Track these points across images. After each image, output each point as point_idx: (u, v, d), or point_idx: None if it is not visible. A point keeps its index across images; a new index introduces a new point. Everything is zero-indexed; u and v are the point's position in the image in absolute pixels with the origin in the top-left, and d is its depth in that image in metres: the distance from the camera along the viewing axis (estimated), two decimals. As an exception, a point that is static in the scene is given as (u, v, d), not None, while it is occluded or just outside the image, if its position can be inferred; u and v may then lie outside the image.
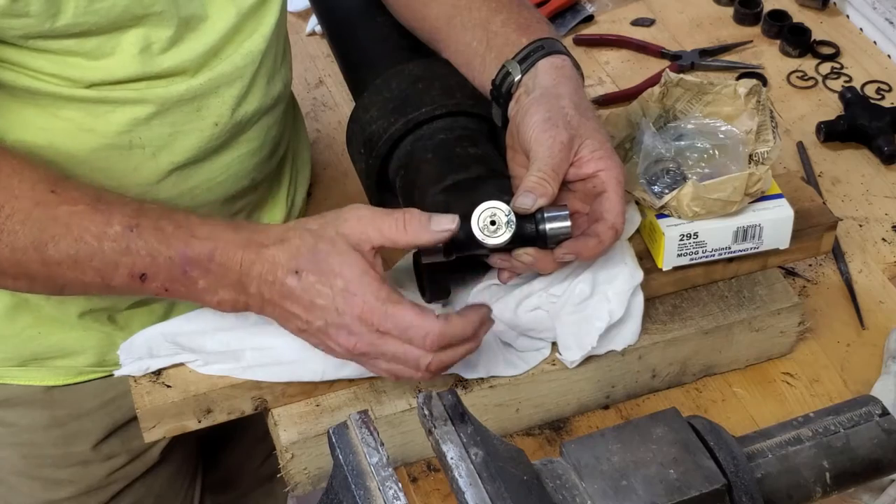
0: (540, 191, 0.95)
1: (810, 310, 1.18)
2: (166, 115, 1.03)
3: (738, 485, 0.78)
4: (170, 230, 0.92)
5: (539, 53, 1.03)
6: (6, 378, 1.17)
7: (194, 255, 0.92)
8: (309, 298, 0.92)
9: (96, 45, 0.97)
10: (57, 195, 0.92)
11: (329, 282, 0.91)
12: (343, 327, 0.92)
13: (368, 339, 0.92)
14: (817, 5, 1.63)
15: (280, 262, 0.92)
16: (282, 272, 0.92)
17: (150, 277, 0.93)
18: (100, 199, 0.93)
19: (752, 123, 1.09)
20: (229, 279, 0.93)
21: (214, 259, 0.92)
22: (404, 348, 0.92)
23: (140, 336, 1.03)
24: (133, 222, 0.92)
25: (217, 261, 0.92)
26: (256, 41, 1.07)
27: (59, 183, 0.93)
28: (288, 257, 0.92)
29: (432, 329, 0.91)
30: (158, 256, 0.92)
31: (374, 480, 0.76)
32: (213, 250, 0.92)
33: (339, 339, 0.92)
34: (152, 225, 0.92)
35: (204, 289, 0.93)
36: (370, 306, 0.91)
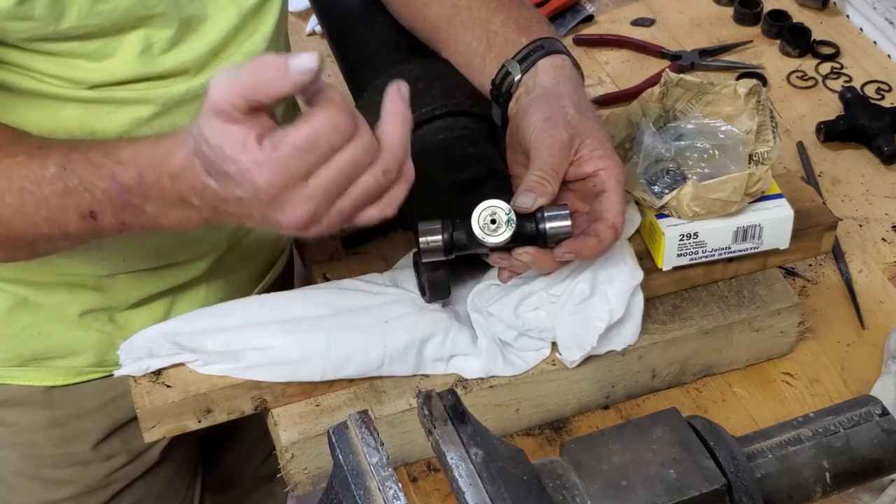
0: (540, 190, 0.95)
1: (810, 310, 1.18)
2: (168, 115, 1.03)
3: (738, 485, 0.78)
4: (98, 160, 0.87)
5: (539, 53, 1.03)
6: (6, 378, 1.17)
7: (125, 182, 0.85)
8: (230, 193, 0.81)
9: (98, 47, 0.97)
10: (2, 151, 0.89)
11: (225, 170, 0.79)
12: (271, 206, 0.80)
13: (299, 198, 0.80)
14: (817, 5, 1.63)
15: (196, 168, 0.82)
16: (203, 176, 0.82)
17: (98, 214, 0.87)
18: (40, 146, 0.89)
19: (752, 123, 1.09)
20: (169, 198, 0.85)
21: (144, 180, 0.85)
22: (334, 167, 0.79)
23: (140, 336, 1.03)
24: (65, 160, 0.87)
25: (146, 181, 0.85)
26: (257, 41, 1.07)
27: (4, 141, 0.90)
28: (192, 158, 0.82)
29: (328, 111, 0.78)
30: (95, 190, 0.86)
31: (374, 480, 0.76)
32: (140, 173, 0.85)
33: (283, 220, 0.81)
34: (83, 158, 0.87)
35: (155, 213, 0.86)
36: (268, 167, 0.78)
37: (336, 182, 0.80)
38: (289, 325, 1.02)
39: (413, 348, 1.02)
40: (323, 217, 0.82)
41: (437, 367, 1.04)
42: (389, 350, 1.02)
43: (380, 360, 1.02)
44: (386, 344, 1.01)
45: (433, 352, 1.03)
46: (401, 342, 1.01)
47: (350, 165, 0.80)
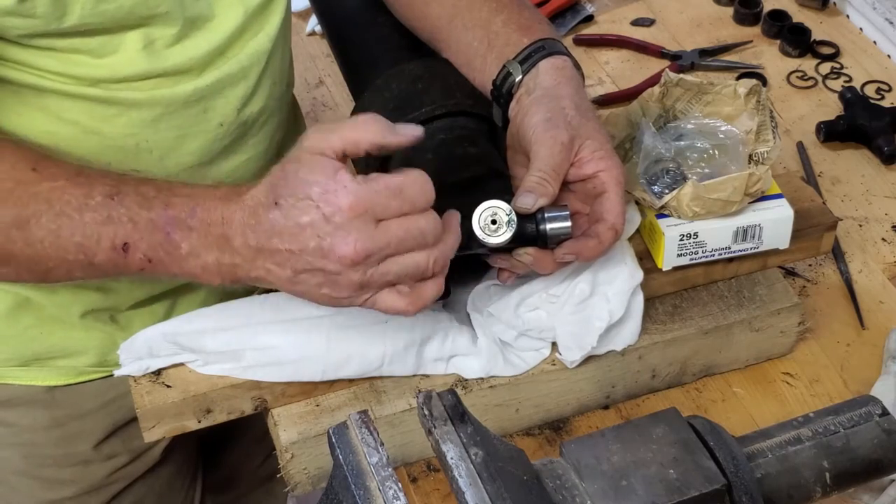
0: (540, 191, 0.95)
1: (810, 310, 1.18)
2: (172, 117, 1.03)
3: (738, 485, 0.78)
4: (151, 193, 0.89)
5: (540, 54, 1.03)
6: (7, 378, 1.17)
7: (176, 214, 0.88)
8: (294, 221, 0.85)
9: (100, 44, 0.97)
10: (38, 173, 0.90)
11: (306, 193, 0.85)
12: (338, 231, 0.84)
13: (366, 233, 0.84)
14: (817, 5, 1.63)
15: (260, 201, 0.87)
16: (263, 210, 0.86)
17: (132, 247, 0.89)
18: (80, 173, 0.91)
19: (752, 123, 1.09)
20: (212, 235, 0.88)
21: (196, 214, 0.87)
22: (405, 226, 0.85)
23: (140, 336, 1.03)
24: (114, 191, 0.89)
25: (199, 216, 0.87)
26: (262, 41, 1.07)
27: (40, 161, 0.92)
28: (265, 193, 0.87)
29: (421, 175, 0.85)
30: (140, 220, 0.88)
31: (374, 480, 0.76)
32: (195, 206, 0.88)
33: (338, 249, 0.84)
34: (133, 191, 0.89)
35: (188, 253, 0.88)
36: (355, 192, 0.84)
37: (399, 240, 0.85)
38: (289, 325, 1.02)
39: (413, 348, 1.02)
40: (371, 265, 0.86)
41: (437, 367, 1.04)
42: (389, 350, 1.02)
43: (380, 360, 1.02)
44: (386, 344, 1.01)
45: (433, 352, 1.03)
46: (401, 342, 1.01)
47: (417, 233, 0.86)
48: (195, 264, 0.89)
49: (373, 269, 0.86)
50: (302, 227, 0.85)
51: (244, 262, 0.88)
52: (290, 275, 0.87)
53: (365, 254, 0.85)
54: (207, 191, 0.89)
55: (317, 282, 0.87)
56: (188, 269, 0.90)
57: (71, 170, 0.92)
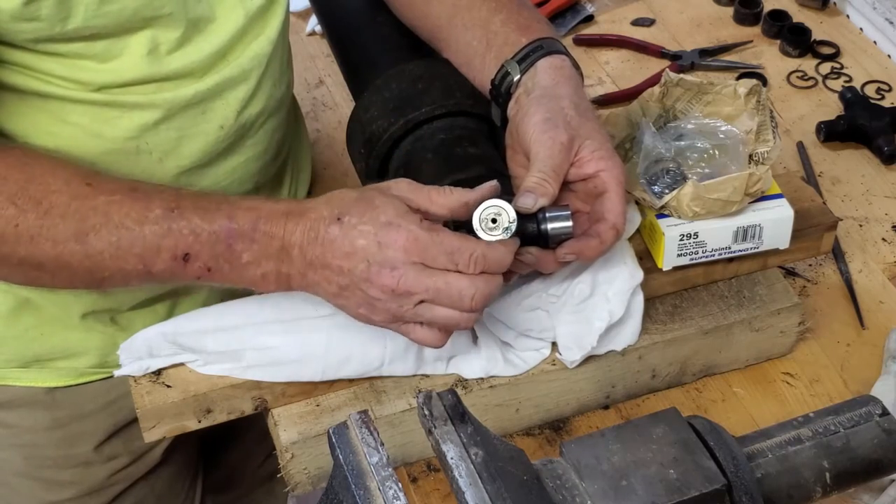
0: (541, 191, 0.95)
1: (810, 310, 1.18)
2: (173, 119, 1.03)
3: (738, 485, 0.78)
4: (212, 207, 0.92)
5: (538, 53, 1.03)
6: (8, 379, 1.17)
7: (239, 227, 0.91)
8: (350, 241, 0.90)
9: (105, 48, 0.97)
10: (93, 188, 0.92)
11: (372, 217, 0.90)
12: (386, 263, 0.89)
13: (412, 274, 0.89)
14: (817, 5, 1.63)
15: (323, 215, 0.91)
16: (324, 224, 0.90)
17: (192, 257, 0.92)
18: (136, 189, 0.94)
19: (752, 123, 1.09)
20: (273, 247, 0.91)
21: (259, 228, 0.91)
22: (447, 280, 0.89)
23: (140, 336, 1.03)
24: (173, 204, 0.92)
25: (262, 229, 0.91)
26: (262, 43, 1.07)
27: (92, 177, 0.94)
28: (330, 208, 0.91)
29: (477, 248, 0.90)
30: (202, 233, 0.91)
31: (374, 480, 0.76)
32: (258, 219, 0.91)
33: (382, 279, 0.89)
34: (192, 204, 0.92)
35: (248, 262, 0.92)
36: (414, 234, 0.89)
37: (437, 290, 0.89)
38: (289, 325, 1.02)
39: (413, 348, 1.02)
40: (408, 303, 0.91)
41: (437, 367, 1.04)
42: (389, 350, 1.02)
43: (380, 359, 1.02)
44: (386, 344, 1.01)
45: (433, 352, 1.03)
46: (401, 342, 1.01)
47: (456, 293, 0.90)
48: (255, 273, 0.93)
49: (409, 307, 0.91)
50: (356, 249, 0.90)
51: (298, 272, 0.92)
52: (335, 289, 0.92)
53: (405, 290, 0.90)
54: (269, 205, 0.93)
55: (357, 301, 0.92)
56: (247, 277, 0.94)
57: (126, 185, 0.94)
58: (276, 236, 0.91)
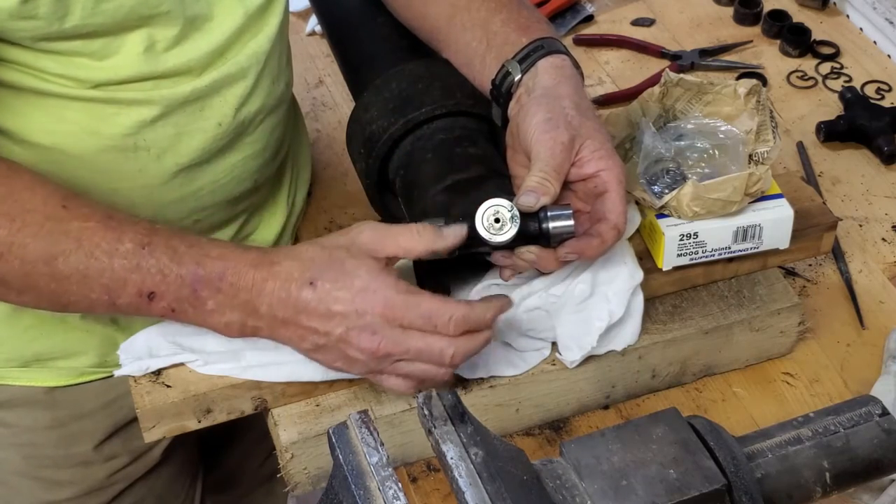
0: (542, 190, 0.95)
1: (810, 310, 1.18)
2: (171, 116, 1.03)
3: (738, 485, 0.78)
4: (182, 249, 0.92)
5: (539, 53, 1.03)
6: (7, 379, 1.17)
7: (206, 274, 0.91)
8: (326, 307, 0.91)
9: (101, 46, 0.97)
10: (68, 210, 0.92)
11: (347, 284, 0.91)
12: (366, 328, 0.91)
13: (392, 337, 0.91)
14: (817, 5, 1.63)
15: (293, 276, 0.91)
16: (296, 286, 0.91)
17: (158, 296, 0.92)
18: (111, 217, 0.93)
19: (752, 123, 1.09)
20: (239, 299, 0.92)
21: (226, 278, 0.92)
22: (427, 341, 0.91)
23: (140, 336, 1.03)
24: (145, 240, 0.92)
25: (228, 280, 0.92)
26: (261, 42, 1.07)
27: (70, 199, 0.94)
28: (301, 269, 0.92)
29: (456, 311, 0.91)
30: (169, 274, 0.92)
31: (374, 480, 0.76)
32: (225, 269, 0.92)
33: (362, 343, 0.91)
34: (164, 243, 0.92)
35: (212, 310, 0.93)
36: (392, 300, 0.90)
37: (418, 350, 0.92)
38: (289, 326, 1.02)
39: (413, 348, 1.02)
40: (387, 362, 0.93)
41: (437, 368, 1.04)
42: (389, 350, 1.02)
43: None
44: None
45: (433, 352, 1.03)
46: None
47: (437, 351, 0.92)
48: (218, 321, 0.94)
49: (387, 364, 0.94)
50: (332, 315, 0.91)
51: (267, 327, 0.93)
52: (309, 347, 0.94)
53: (385, 353, 0.92)
54: (238, 254, 0.93)
55: (334, 357, 0.94)
56: (210, 323, 0.94)
57: (101, 212, 0.94)
58: (244, 289, 0.92)
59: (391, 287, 0.91)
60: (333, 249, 0.93)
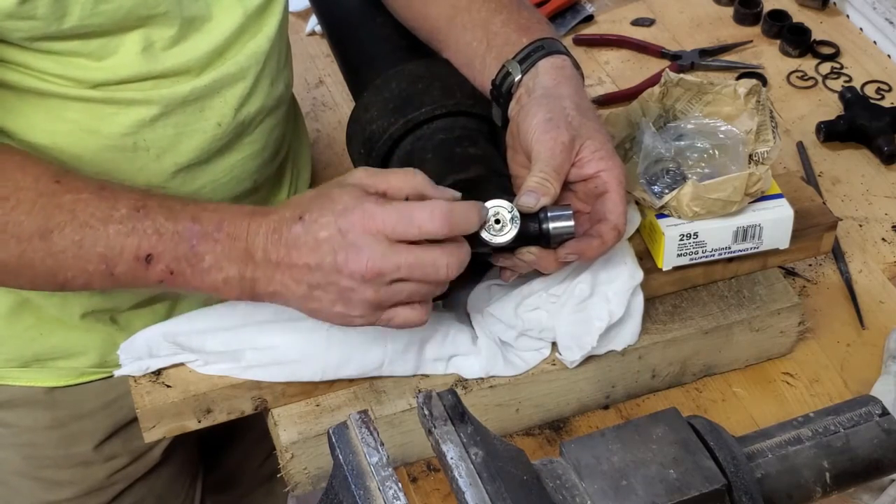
0: (542, 191, 0.95)
1: (810, 310, 1.18)
2: (170, 116, 1.03)
3: (738, 485, 0.78)
4: (177, 207, 0.92)
5: (539, 53, 1.03)
6: (7, 379, 1.17)
7: (202, 228, 0.90)
8: (312, 237, 0.89)
9: (99, 46, 0.97)
10: (61, 185, 0.92)
11: (329, 209, 0.89)
12: (351, 247, 0.88)
13: (379, 251, 0.87)
14: (817, 5, 1.63)
15: (285, 216, 0.90)
16: (286, 225, 0.90)
17: (155, 258, 0.91)
18: (104, 188, 0.93)
19: (752, 123, 1.09)
20: (236, 249, 0.90)
21: (223, 228, 0.90)
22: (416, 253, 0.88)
23: (140, 336, 1.03)
24: (139, 204, 0.91)
25: (225, 230, 0.90)
26: (260, 42, 1.07)
27: (62, 174, 0.93)
28: (292, 209, 0.91)
29: (435, 204, 0.88)
30: (165, 233, 0.90)
31: (374, 480, 0.76)
32: (222, 220, 0.91)
33: (351, 265, 0.87)
34: (158, 204, 0.92)
35: (210, 266, 0.91)
36: (370, 211, 0.88)
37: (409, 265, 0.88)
38: (289, 325, 1.02)
39: (413, 348, 1.02)
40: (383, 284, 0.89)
41: (437, 367, 1.04)
42: (389, 350, 1.02)
43: (380, 360, 1.02)
44: (386, 344, 1.01)
45: (433, 352, 1.03)
46: (401, 342, 1.01)
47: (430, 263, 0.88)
48: (217, 277, 0.91)
49: (385, 288, 0.89)
50: (320, 242, 0.88)
51: (263, 275, 0.91)
52: (305, 290, 0.90)
53: (376, 271, 0.88)
54: (234, 207, 0.92)
55: (331, 298, 0.90)
56: (209, 281, 0.92)
57: (94, 183, 0.93)
58: (240, 237, 0.90)
59: (371, 201, 0.88)
60: (324, 187, 0.92)
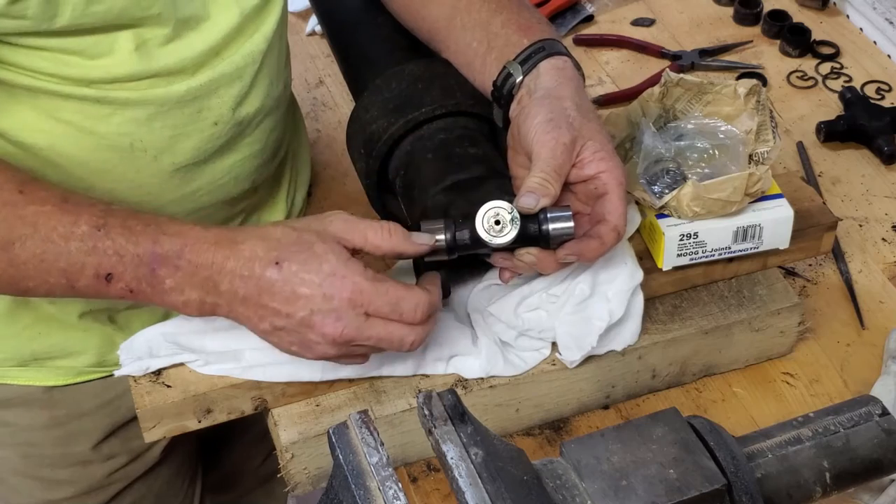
0: (542, 191, 0.95)
1: (810, 310, 1.18)
2: (167, 116, 1.03)
3: (738, 485, 0.78)
4: (138, 228, 0.91)
5: (540, 55, 1.03)
6: (6, 378, 1.17)
7: (163, 252, 0.90)
8: (291, 288, 0.89)
9: (93, 43, 0.97)
10: (24, 195, 0.92)
11: (315, 268, 0.89)
12: (331, 312, 0.89)
13: (356, 324, 0.90)
14: (817, 5, 1.63)
15: (258, 255, 0.90)
16: (259, 265, 0.90)
17: (115, 277, 0.91)
18: (67, 200, 0.92)
19: (752, 123, 1.09)
20: (199, 277, 0.90)
21: (184, 255, 0.90)
22: (389, 329, 0.91)
23: (140, 336, 1.03)
24: (101, 222, 0.91)
25: (186, 257, 0.90)
26: (258, 41, 1.07)
27: (26, 184, 0.93)
28: (267, 249, 0.90)
29: (421, 300, 0.91)
30: (126, 255, 0.90)
31: (374, 480, 0.76)
32: (183, 246, 0.90)
33: (325, 328, 0.90)
34: (120, 223, 0.91)
35: (171, 288, 0.91)
36: (360, 286, 0.89)
37: (379, 338, 0.91)
38: (289, 326, 1.01)
39: (413, 348, 1.02)
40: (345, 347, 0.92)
41: (437, 367, 1.04)
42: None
43: (379, 360, 1.02)
44: (386, 344, 1.01)
45: (433, 352, 1.03)
46: (401, 342, 1.01)
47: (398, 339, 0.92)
48: (177, 299, 0.92)
49: (347, 349, 0.93)
50: (297, 297, 0.90)
51: (226, 304, 0.92)
52: (267, 328, 0.92)
53: (347, 339, 0.91)
54: (197, 231, 0.92)
55: (290, 340, 0.93)
56: (169, 301, 0.92)
57: (58, 195, 0.93)
58: (203, 266, 0.90)
59: (360, 273, 0.90)
60: (303, 232, 0.92)
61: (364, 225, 0.93)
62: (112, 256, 0.90)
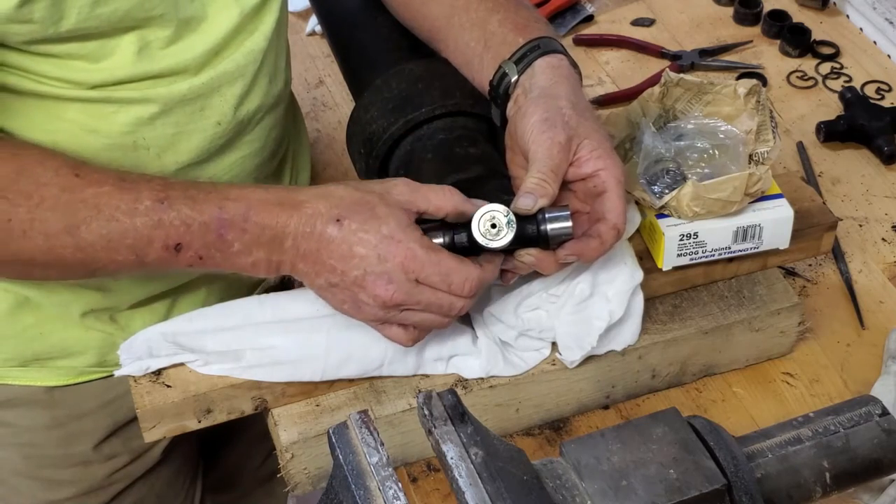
0: (540, 192, 0.95)
1: (810, 310, 1.18)
2: (170, 114, 1.03)
3: (738, 485, 0.78)
4: (201, 197, 0.93)
5: (535, 53, 1.03)
6: (7, 378, 1.17)
7: (229, 217, 0.92)
8: (348, 246, 0.91)
9: (96, 48, 0.97)
10: (81, 178, 0.93)
11: (373, 228, 0.91)
12: (383, 275, 0.91)
13: (406, 289, 0.92)
14: (817, 5, 1.63)
15: (320, 212, 0.92)
16: (321, 221, 0.92)
17: (184, 247, 0.93)
18: (124, 179, 0.94)
19: (752, 123, 1.09)
20: (265, 237, 0.92)
21: (250, 218, 0.92)
22: (439, 296, 0.93)
23: (140, 336, 1.03)
24: (162, 195, 0.92)
25: (252, 219, 0.92)
26: (258, 40, 1.07)
27: (80, 167, 0.94)
28: (329, 206, 0.92)
29: (472, 274, 0.93)
30: (192, 224, 0.92)
31: (374, 480, 0.76)
32: (248, 209, 0.92)
33: (377, 289, 0.92)
34: (181, 194, 0.93)
35: (239, 251, 0.93)
36: (414, 253, 0.91)
37: (427, 303, 0.93)
38: (289, 325, 1.02)
39: (413, 348, 1.02)
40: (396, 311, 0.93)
41: (437, 367, 1.04)
42: (389, 350, 1.02)
43: (380, 360, 1.02)
44: (386, 344, 1.01)
45: (433, 352, 1.03)
46: (401, 342, 1.02)
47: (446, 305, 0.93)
48: (245, 261, 0.94)
49: (395, 313, 0.94)
50: (353, 255, 0.91)
51: (289, 261, 0.94)
52: (323, 283, 0.94)
53: (396, 302, 0.92)
54: (259, 193, 0.94)
55: (342, 298, 0.94)
56: (238, 264, 0.95)
57: (113, 175, 0.94)
58: (268, 226, 0.92)
59: (416, 241, 0.92)
60: (366, 193, 0.93)
61: (426, 188, 0.94)
62: (179, 227, 0.92)
